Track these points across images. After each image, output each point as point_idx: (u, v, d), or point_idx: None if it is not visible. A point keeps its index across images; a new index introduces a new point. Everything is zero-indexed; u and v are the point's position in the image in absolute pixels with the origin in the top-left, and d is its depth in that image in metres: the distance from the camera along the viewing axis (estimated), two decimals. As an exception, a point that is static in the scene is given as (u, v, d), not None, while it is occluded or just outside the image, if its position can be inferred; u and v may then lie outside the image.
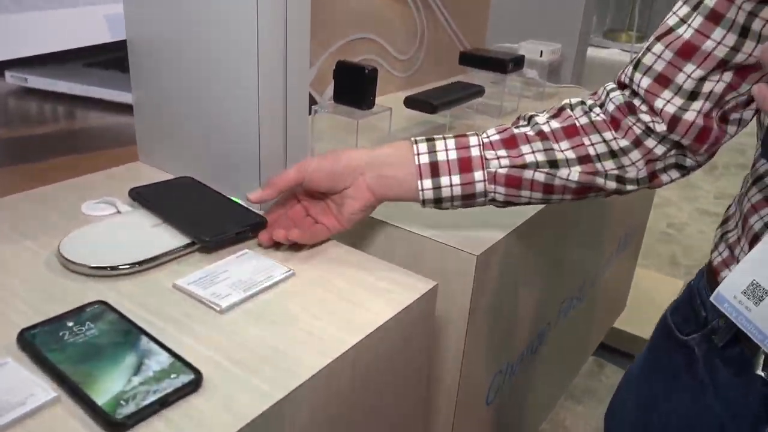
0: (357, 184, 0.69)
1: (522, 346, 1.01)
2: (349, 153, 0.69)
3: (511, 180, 0.67)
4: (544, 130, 0.67)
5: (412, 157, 0.68)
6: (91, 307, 0.56)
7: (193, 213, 0.72)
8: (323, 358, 0.53)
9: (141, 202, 0.73)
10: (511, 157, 0.67)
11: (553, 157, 0.66)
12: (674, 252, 2.75)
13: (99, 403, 0.45)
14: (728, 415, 0.58)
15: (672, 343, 0.65)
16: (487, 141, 0.68)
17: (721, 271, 0.59)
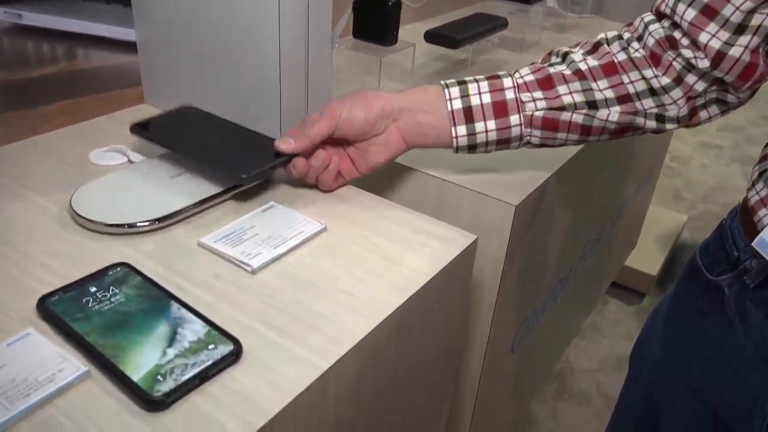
0: (389, 132, 0.64)
1: (547, 292, 0.99)
2: (380, 98, 0.64)
3: (547, 123, 0.64)
4: (581, 68, 0.64)
5: (444, 103, 0.64)
6: (113, 270, 0.52)
7: (212, 147, 0.65)
8: (368, 322, 0.50)
9: (147, 138, 0.66)
10: (548, 99, 0.64)
11: (591, 98, 0.64)
12: (678, 186, 2.72)
13: (134, 380, 0.42)
14: (758, 356, 0.57)
15: (701, 283, 0.64)
16: (521, 82, 0.64)
17: (759, 210, 0.57)
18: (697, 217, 2.45)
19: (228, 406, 0.42)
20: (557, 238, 0.91)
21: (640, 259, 1.93)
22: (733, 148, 3.07)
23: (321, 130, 0.62)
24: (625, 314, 1.94)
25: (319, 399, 0.46)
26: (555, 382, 1.66)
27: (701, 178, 2.79)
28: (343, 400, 0.50)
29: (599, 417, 1.57)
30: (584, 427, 1.55)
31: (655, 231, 2.07)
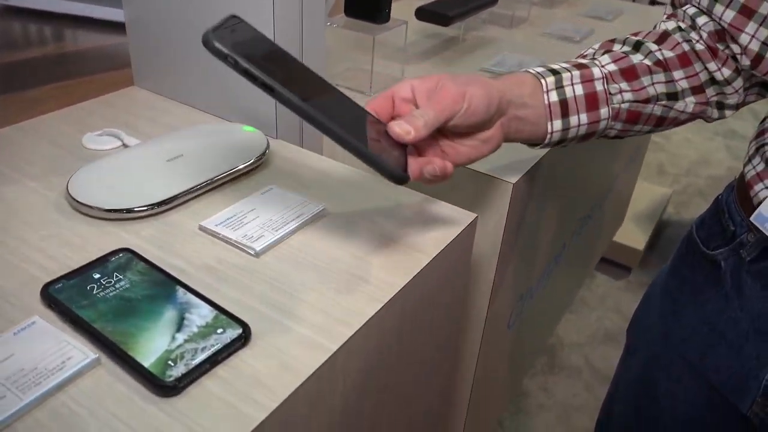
0: (495, 127, 0.57)
1: (542, 269, 0.99)
2: (495, 88, 0.56)
3: (631, 115, 0.62)
4: (660, 58, 0.61)
5: (541, 95, 0.60)
6: (115, 256, 0.51)
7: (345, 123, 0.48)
8: (375, 303, 0.50)
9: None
10: (634, 91, 0.61)
11: (672, 89, 0.62)
12: (661, 160, 2.75)
13: (146, 365, 0.42)
14: (753, 327, 0.58)
15: (697, 257, 0.64)
16: (606, 72, 0.61)
17: (755, 185, 0.57)
18: (681, 191, 2.48)
19: (240, 390, 0.42)
20: (552, 216, 0.92)
21: (627, 234, 1.95)
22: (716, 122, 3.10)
23: (439, 119, 0.52)
24: (613, 288, 1.96)
25: (329, 380, 0.47)
26: (545, 357, 1.69)
27: (684, 152, 2.81)
28: (351, 381, 0.50)
29: (588, 389, 1.60)
30: (574, 399, 1.58)
31: (640, 206, 2.09)
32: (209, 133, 0.69)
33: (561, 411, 1.55)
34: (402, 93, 0.54)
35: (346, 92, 0.52)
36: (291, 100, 0.45)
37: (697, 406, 0.66)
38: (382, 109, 0.53)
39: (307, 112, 0.46)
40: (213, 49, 0.44)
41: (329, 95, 0.51)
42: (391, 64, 0.93)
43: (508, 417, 1.51)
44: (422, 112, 0.51)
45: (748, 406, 0.60)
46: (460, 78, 0.54)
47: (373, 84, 0.88)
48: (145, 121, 0.74)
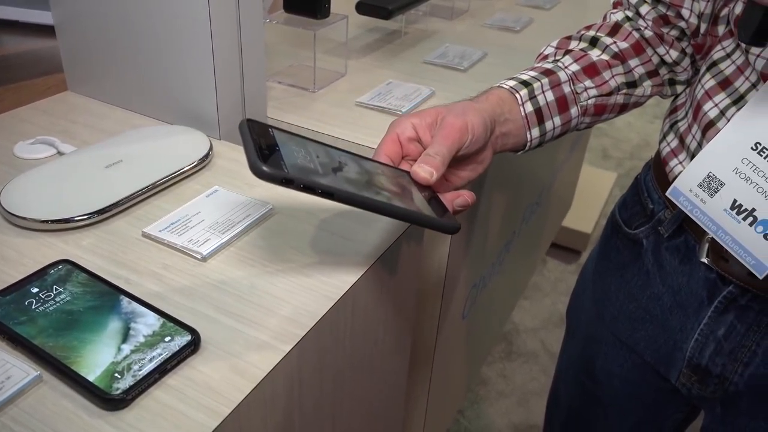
0: (488, 145, 0.58)
1: (493, 257, 1.00)
2: (484, 112, 0.57)
3: (597, 108, 0.66)
4: (616, 51, 0.65)
5: (518, 108, 0.62)
6: (55, 268, 0.49)
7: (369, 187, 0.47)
8: (326, 302, 0.50)
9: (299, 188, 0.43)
10: (598, 86, 0.65)
11: (631, 78, 0.66)
12: (605, 145, 2.82)
13: (90, 380, 0.40)
14: (675, 301, 0.60)
15: (621, 237, 0.67)
16: (570, 73, 0.64)
17: (670, 161, 0.60)
18: (626, 175, 2.55)
19: (191, 397, 0.41)
20: (501, 204, 0.93)
21: (575, 219, 1.99)
22: (655, 105, 3.18)
23: (452, 152, 0.52)
24: (565, 272, 2.01)
25: (284, 382, 0.46)
26: (502, 343, 1.71)
27: (627, 135, 2.89)
28: (307, 381, 0.50)
29: (546, 373, 1.63)
30: (533, 383, 1.61)
31: (587, 190, 2.14)
32: (149, 137, 0.67)
33: (520, 396, 1.57)
34: (407, 133, 0.54)
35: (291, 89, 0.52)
36: (353, 198, 0.45)
37: (632, 381, 0.69)
38: (394, 154, 0.54)
39: (369, 203, 0.45)
40: (268, 177, 0.42)
41: (363, 170, 0.50)
42: (334, 59, 0.92)
43: (468, 406, 1.53)
44: (436, 150, 0.52)
45: (675, 377, 0.63)
46: (456, 108, 0.55)
47: (317, 80, 0.87)
48: (81, 127, 0.72)
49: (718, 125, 0.53)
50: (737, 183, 0.50)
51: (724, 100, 0.53)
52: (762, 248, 0.49)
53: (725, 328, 0.57)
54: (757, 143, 0.49)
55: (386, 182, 0.49)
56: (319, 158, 0.47)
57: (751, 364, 0.57)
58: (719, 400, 0.61)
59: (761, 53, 0.49)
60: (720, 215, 0.51)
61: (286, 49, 0.91)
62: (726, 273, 0.55)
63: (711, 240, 0.55)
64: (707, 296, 0.57)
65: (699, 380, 0.60)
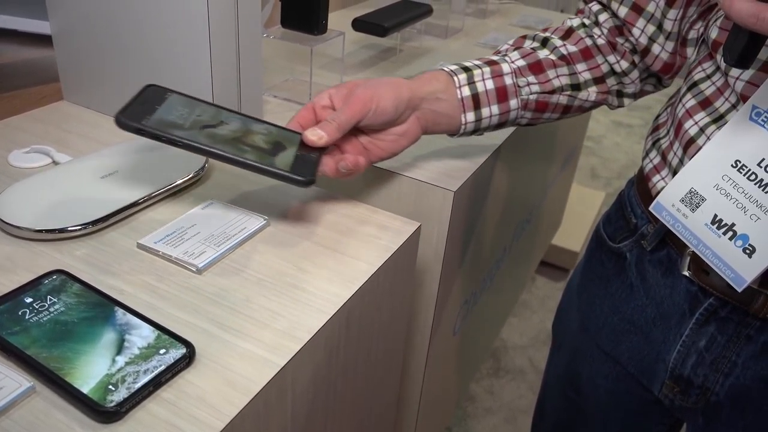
0: (410, 122, 0.63)
1: (484, 274, 1.01)
2: (405, 87, 0.62)
3: (539, 105, 0.69)
4: (564, 53, 0.69)
5: (454, 90, 0.66)
6: (49, 278, 0.49)
7: (233, 141, 0.54)
8: (321, 316, 0.50)
9: (149, 135, 0.51)
10: (541, 83, 0.68)
11: (576, 81, 0.69)
12: (594, 164, 2.84)
13: (84, 391, 0.40)
14: (658, 313, 0.61)
15: (605, 251, 0.68)
16: (515, 67, 0.68)
17: (653, 177, 0.61)
18: (613, 194, 2.57)
19: (185, 411, 0.41)
20: (492, 221, 0.94)
21: (564, 237, 2.00)
22: (643, 126, 3.23)
23: (350, 120, 0.58)
24: (553, 290, 2.01)
25: (277, 396, 0.46)
26: (490, 360, 1.71)
27: (615, 155, 2.92)
28: (300, 395, 0.49)
29: (533, 390, 1.63)
30: (520, 401, 1.61)
31: (576, 209, 2.15)
32: (144, 148, 0.67)
33: (508, 413, 1.57)
34: (322, 102, 0.60)
35: (286, 104, 0.54)
36: (193, 146, 0.52)
37: (616, 393, 0.69)
38: (305, 120, 0.60)
39: (209, 152, 0.52)
40: (121, 126, 0.51)
41: (242, 129, 0.56)
42: (330, 74, 0.93)
43: (456, 423, 1.52)
44: (334, 116, 0.58)
45: (658, 388, 0.63)
46: (372, 81, 0.61)
47: (312, 95, 0.88)
48: (76, 137, 0.72)
49: (698, 142, 0.54)
50: (718, 199, 0.51)
51: (704, 119, 0.55)
52: (741, 262, 0.50)
53: (706, 339, 0.58)
54: (737, 161, 0.50)
55: (260, 140, 0.55)
56: (200, 116, 0.55)
57: (731, 374, 0.58)
58: (701, 411, 0.62)
59: (740, 76, 0.51)
60: (701, 229, 0.52)
61: (281, 64, 0.92)
62: (707, 285, 0.56)
63: (692, 253, 0.56)
64: (689, 308, 0.58)
65: (681, 391, 0.61)
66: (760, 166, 0.49)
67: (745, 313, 0.55)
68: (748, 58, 0.43)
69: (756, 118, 0.49)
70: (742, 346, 0.56)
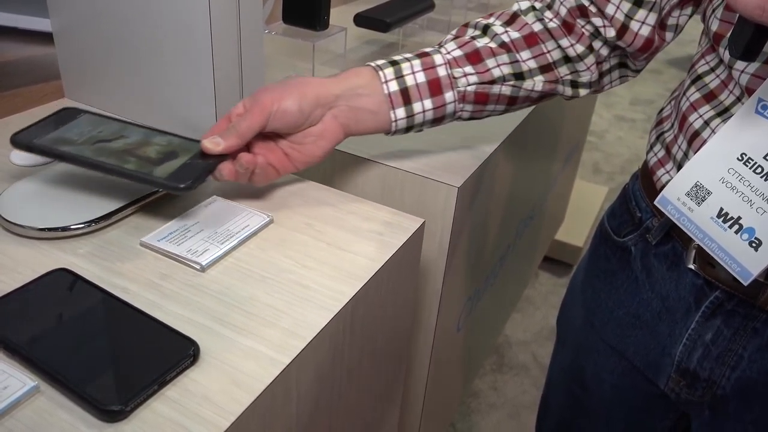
0: (325, 122, 0.61)
1: (488, 270, 1.01)
2: (313, 85, 0.60)
3: (479, 97, 0.66)
4: (505, 40, 0.64)
5: (379, 86, 0.63)
6: (52, 277, 0.49)
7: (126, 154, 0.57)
8: (325, 313, 0.49)
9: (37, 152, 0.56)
10: (479, 74, 0.64)
11: (518, 70, 0.65)
12: (596, 159, 2.84)
13: (89, 391, 0.40)
14: (663, 307, 0.61)
15: (609, 245, 0.67)
16: (450, 58, 0.64)
17: (657, 170, 0.60)
18: (616, 189, 2.56)
19: (190, 409, 0.41)
20: (496, 217, 0.93)
21: (567, 232, 2.00)
22: (645, 120, 3.22)
23: (252, 126, 0.57)
24: (556, 285, 2.01)
25: (282, 394, 0.46)
26: (494, 356, 1.71)
27: (617, 150, 2.91)
28: (305, 393, 0.49)
29: (537, 386, 1.63)
30: (524, 396, 1.60)
31: (579, 204, 2.15)
32: (147, 146, 0.67)
33: (512, 409, 1.57)
34: (236, 110, 0.60)
35: None
36: (77, 161, 0.55)
37: (622, 388, 0.69)
38: (221, 130, 0.59)
39: (92, 165, 0.55)
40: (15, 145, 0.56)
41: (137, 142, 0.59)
42: (331, 70, 0.93)
43: (460, 419, 1.52)
44: (235, 123, 0.58)
45: (664, 382, 0.63)
46: (279, 83, 0.60)
47: (315, 91, 0.87)
48: (78, 135, 0.71)
49: (703, 135, 0.54)
50: (724, 192, 0.51)
51: (709, 112, 0.54)
52: (747, 255, 0.49)
53: (712, 332, 0.58)
54: (743, 154, 0.50)
55: (152, 151, 0.57)
56: (100, 133, 0.59)
57: (737, 367, 0.58)
58: (707, 405, 0.61)
59: (745, 69, 0.51)
60: (707, 223, 0.52)
61: (282, 60, 0.92)
62: (713, 278, 0.56)
63: (698, 247, 0.56)
64: (694, 301, 0.58)
65: (687, 385, 0.61)
66: (767, 159, 0.49)
67: (752, 306, 0.55)
68: (754, 50, 0.43)
69: (762, 111, 0.49)
70: (749, 339, 0.56)
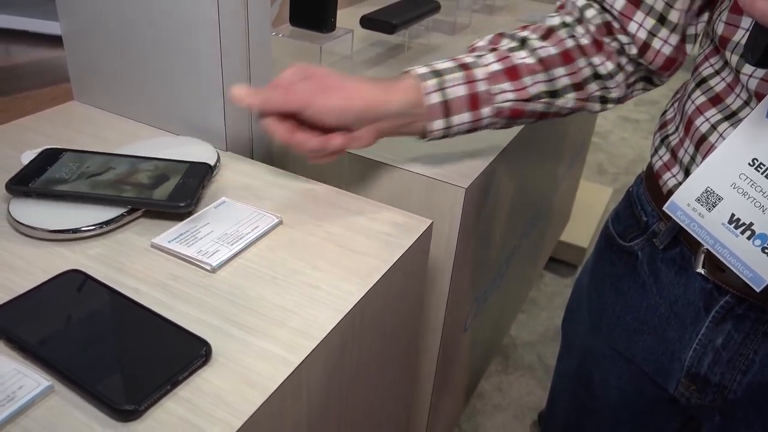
0: (368, 128, 0.62)
1: (495, 271, 1.01)
2: (361, 97, 0.60)
3: (514, 113, 0.66)
4: (543, 56, 0.64)
5: (421, 97, 0.62)
6: (65, 278, 0.49)
7: (123, 178, 0.60)
8: (335, 314, 0.50)
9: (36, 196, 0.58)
10: (516, 91, 0.64)
11: (553, 87, 0.65)
12: (601, 160, 2.83)
13: (103, 390, 0.40)
14: (672, 311, 0.61)
15: (615, 250, 0.67)
16: (490, 72, 0.64)
17: (663, 174, 0.60)
18: (621, 190, 2.55)
19: (203, 409, 0.41)
20: (503, 218, 0.93)
21: (572, 233, 2.00)
22: (649, 121, 3.21)
23: (275, 107, 0.58)
24: (561, 286, 2.01)
25: (293, 394, 0.46)
26: (499, 357, 1.71)
27: (622, 151, 2.91)
28: (315, 393, 0.50)
29: (542, 387, 1.63)
30: (529, 397, 1.60)
31: (583, 205, 2.15)
32: (157, 148, 0.68)
33: (517, 410, 1.57)
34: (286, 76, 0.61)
35: None
36: (76, 197, 0.58)
37: (629, 393, 0.69)
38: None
39: (92, 199, 0.57)
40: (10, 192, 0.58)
41: (127, 170, 0.61)
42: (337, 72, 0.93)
43: (465, 419, 1.52)
44: (273, 91, 0.59)
45: (674, 387, 0.63)
46: (342, 82, 0.60)
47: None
48: (88, 137, 0.72)
49: (711, 139, 0.54)
50: (735, 198, 0.51)
51: (716, 116, 0.54)
52: (760, 261, 0.49)
53: (723, 337, 0.58)
54: (755, 159, 0.50)
55: (143, 177, 0.60)
56: (88, 168, 0.61)
57: (748, 372, 0.57)
58: (718, 409, 0.61)
59: (753, 73, 0.50)
60: (718, 229, 0.52)
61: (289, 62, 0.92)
62: (722, 283, 0.56)
63: (706, 251, 0.55)
64: (704, 306, 0.58)
65: (698, 389, 0.61)
66: (779, 164, 0.49)
67: (763, 310, 0.55)
68: None
69: (773, 116, 0.49)
70: (760, 343, 0.56)
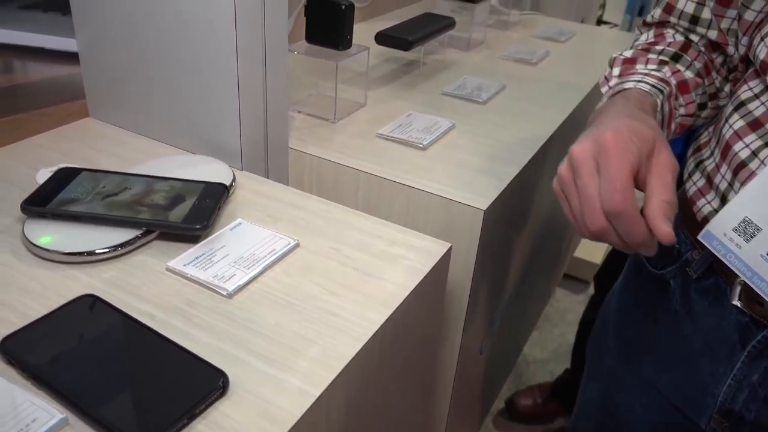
0: None
1: (510, 290, 0.99)
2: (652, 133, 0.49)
3: (679, 128, 0.63)
4: (699, 69, 0.63)
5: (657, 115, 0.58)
6: (79, 303, 0.48)
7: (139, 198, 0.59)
8: (355, 342, 0.48)
9: (52, 217, 0.57)
10: (686, 105, 0.62)
11: (703, 100, 0.64)
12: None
13: (117, 424, 0.39)
14: (705, 344, 0.59)
15: (645, 276, 0.65)
16: (674, 87, 0.60)
17: (697, 200, 0.58)
18: (633, 204, 2.54)
19: (220, 444, 0.40)
20: (520, 238, 0.92)
21: (584, 248, 1.98)
22: (662, 135, 3.19)
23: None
24: (573, 302, 1.99)
25: (312, 425, 0.45)
26: (511, 375, 1.69)
27: (634, 165, 2.89)
28: (334, 423, 0.48)
29: (555, 405, 1.60)
30: (542, 416, 1.58)
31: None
32: (172, 166, 0.67)
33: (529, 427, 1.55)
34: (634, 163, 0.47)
35: (311, 119, 0.53)
36: (92, 218, 0.57)
37: (657, 425, 0.66)
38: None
39: (108, 220, 0.57)
40: (26, 213, 0.57)
41: (143, 191, 0.61)
42: (353, 89, 0.92)
43: (478, 437, 1.50)
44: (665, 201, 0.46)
45: (705, 422, 0.61)
46: (660, 137, 0.49)
47: (337, 110, 0.87)
48: (103, 155, 0.71)
49: (751, 166, 0.52)
50: None
51: (756, 141, 0.52)
52: None
53: (759, 373, 0.55)
54: None
55: (159, 198, 0.60)
56: (104, 188, 0.60)
57: None
58: None
59: None
60: (756, 261, 0.50)
61: (304, 78, 0.91)
62: (760, 317, 0.54)
63: (743, 283, 0.54)
64: (740, 340, 0.56)
65: (731, 426, 0.59)
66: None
67: None
68: None
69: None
70: None
